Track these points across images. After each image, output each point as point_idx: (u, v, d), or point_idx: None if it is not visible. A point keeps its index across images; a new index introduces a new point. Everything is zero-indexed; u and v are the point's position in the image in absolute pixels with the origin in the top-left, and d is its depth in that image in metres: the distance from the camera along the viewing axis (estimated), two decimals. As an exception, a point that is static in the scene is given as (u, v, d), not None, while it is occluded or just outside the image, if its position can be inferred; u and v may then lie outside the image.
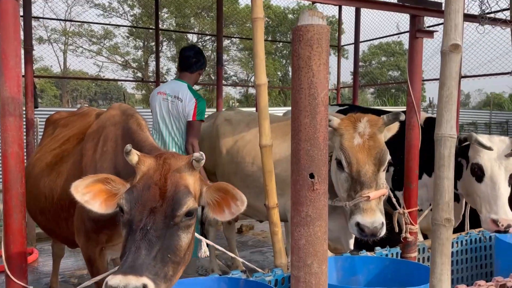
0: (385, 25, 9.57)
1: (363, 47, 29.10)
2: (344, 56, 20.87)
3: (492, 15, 3.44)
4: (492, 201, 2.86)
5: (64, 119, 3.12)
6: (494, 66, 8.45)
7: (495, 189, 2.87)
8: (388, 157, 2.39)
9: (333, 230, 2.79)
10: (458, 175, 3.18)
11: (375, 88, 26.22)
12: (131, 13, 23.12)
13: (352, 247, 2.74)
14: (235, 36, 21.90)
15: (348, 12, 7.88)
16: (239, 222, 5.43)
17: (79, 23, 21.14)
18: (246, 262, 2.70)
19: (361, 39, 7.34)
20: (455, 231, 3.45)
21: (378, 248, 2.71)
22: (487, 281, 2.12)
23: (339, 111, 4.16)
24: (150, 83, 17.86)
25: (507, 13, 4.53)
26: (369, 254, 2.61)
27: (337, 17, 8.37)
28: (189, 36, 24.82)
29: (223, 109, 4.56)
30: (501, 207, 2.81)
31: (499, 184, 2.88)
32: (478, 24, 2.91)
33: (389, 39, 27.89)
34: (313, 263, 1.07)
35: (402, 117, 2.39)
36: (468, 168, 3.06)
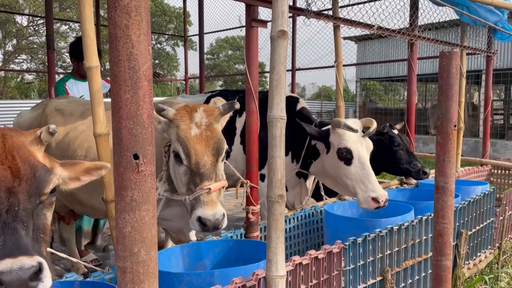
0: (230, 19, 9.89)
1: (210, 40, 29.72)
2: (192, 48, 20.99)
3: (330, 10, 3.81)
4: (366, 180, 2.96)
5: None
6: (327, 61, 9.49)
7: (364, 169, 2.99)
8: (226, 147, 2.35)
9: (174, 221, 2.72)
10: (311, 157, 3.38)
11: (223, 79, 27.11)
12: None
13: (194, 237, 2.70)
14: (71, 20, 19.98)
15: (195, 4, 7.88)
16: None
17: None
18: (85, 263, 2.48)
19: (208, 31, 7.45)
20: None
21: (223, 231, 2.76)
22: (316, 251, 2.34)
23: (210, 97, 4.11)
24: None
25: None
26: (214, 238, 2.64)
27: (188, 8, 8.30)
28: (18, 18, 21.83)
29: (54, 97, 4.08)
30: (376, 184, 2.94)
31: (367, 164, 3.01)
32: (305, 17, 3.18)
33: (235, 34, 29.07)
34: (141, 250, 1.00)
35: (237, 106, 2.39)
36: (332, 152, 3.14)
